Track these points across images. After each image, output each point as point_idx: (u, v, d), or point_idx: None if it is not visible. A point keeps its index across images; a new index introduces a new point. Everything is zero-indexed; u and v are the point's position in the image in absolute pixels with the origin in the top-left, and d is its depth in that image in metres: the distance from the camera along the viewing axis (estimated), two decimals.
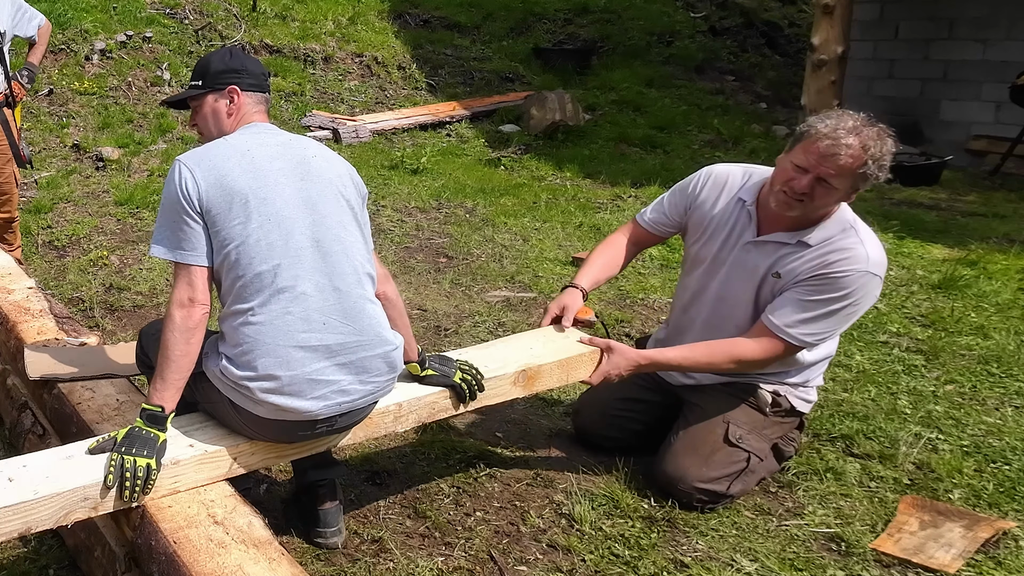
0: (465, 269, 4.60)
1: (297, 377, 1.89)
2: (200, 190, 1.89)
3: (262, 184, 1.93)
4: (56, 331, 2.79)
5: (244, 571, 1.61)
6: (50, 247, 4.93)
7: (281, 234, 1.91)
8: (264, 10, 9.06)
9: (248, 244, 1.89)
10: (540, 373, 2.35)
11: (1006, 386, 3.12)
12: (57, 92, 7.26)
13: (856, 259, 2.22)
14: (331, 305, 1.94)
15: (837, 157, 2.13)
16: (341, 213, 2.02)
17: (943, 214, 5.77)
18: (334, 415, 1.96)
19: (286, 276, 1.90)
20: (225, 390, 1.95)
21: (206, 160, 1.94)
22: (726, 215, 2.44)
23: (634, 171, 6.83)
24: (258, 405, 1.90)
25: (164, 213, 1.94)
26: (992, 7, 7.47)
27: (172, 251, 1.92)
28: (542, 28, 10.33)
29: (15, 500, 1.65)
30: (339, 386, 1.94)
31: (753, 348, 2.31)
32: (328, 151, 2.14)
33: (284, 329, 1.89)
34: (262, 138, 2.04)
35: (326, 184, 2.02)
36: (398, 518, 2.36)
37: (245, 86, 2.11)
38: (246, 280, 1.89)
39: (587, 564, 2.14)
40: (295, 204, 1.95)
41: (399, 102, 8.60)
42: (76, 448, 1.88)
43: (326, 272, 1.95)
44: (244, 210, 1.89)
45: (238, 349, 1.91)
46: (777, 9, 11.20)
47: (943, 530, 2.24)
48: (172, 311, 1.90)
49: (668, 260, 4.65)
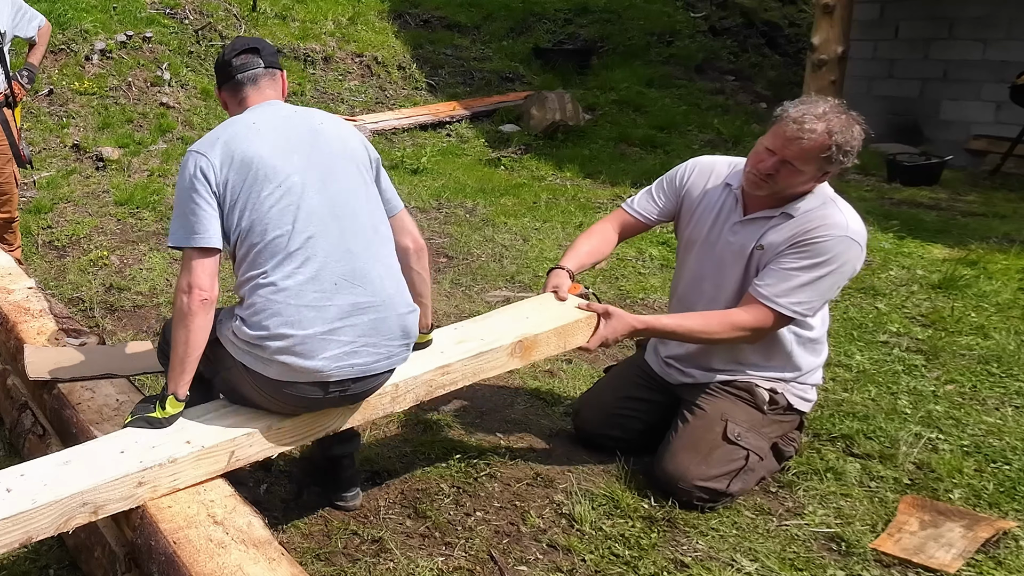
0: (465, 269, 4.60)
1: (308, 337, 1.94)
2: (214, 168, 1.96)
3: (272, 152, 1.99)
4: (56, 331, 2.79)
5: (244, 571, 1.61)
6: (50, 247, 4.93)
7: (293, 199, 1.97)
8: (264, 10, 9.06)
9: (262, 211, 1.95)
10: (537, 342, 2.34)
11: (1006, 386, 3.11)
12: (57, 92, 7.26)
13: (834, 225, 2.28)
14: (343, 266, 1.99)
15: (801, 141, 2.21)
16: (352, 178, 2.08)
17: (943, 214, 5.76)
18: (346, 378, 1.99)
19: (299, 239, 1.96)
20: (238, 354, 2.00)
21: (216, 140, 2.01)
22: (713, 199, 2.51)
23: (634, 171, 6.83)
24: (269, 365, 1.95)
25: (177, 203, 2.01)
26: (992, 7, 7.47)
27: (185, 238, 1.97)
28: (542, 28, 10.32)
29: (14, 511, 1.65)
30: (351, 347, 1.98)
31: (744, 318, 2.33)
32: (336, 118, 2.20)
33: (296, 290, 1.94)
34: (267, 112, 2.11)
35: (336, 150, 2.08)
36: (398, 518, 2.36)
37: (221, 82, 2.22)
38: (261, 246, 1.96)
39: (587, 564, 2.14)
40: (306, 170, 2.01)
41: (399, 102, 8.60)
42: (73, 453, 1.87)
43: (338, 234, 2.00)
44: (257, 179, 1.96)
45: (251, 310, 1.96)
46: (777, 9, 11.19)
47: (943, 530, 2.24)
48: (174, 300, 1.98)
49: (668, 260, 4.65)
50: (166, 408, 1.98)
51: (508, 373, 3.30)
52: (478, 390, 3.18)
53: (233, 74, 2.18)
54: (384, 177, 2.22)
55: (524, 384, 3.23)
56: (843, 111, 2.25)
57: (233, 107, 2.21)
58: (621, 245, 2.89)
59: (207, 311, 1.95)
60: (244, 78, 2.17)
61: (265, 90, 2.19)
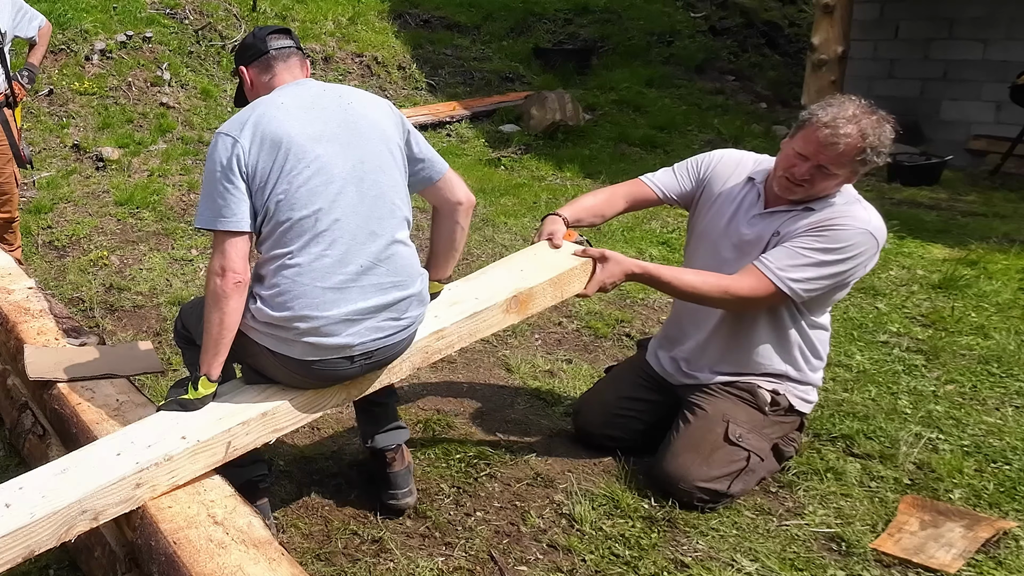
0: (465, 269, 4.59)
1: (331, 318, 1.98)
2: (244, 150, 1.96)
3: (301, 131, 1.99)
4: (56, 331, 2.78)
5: (244, 571, 1.61)
6: (50, 247, 4.93)
7: (322, 180, 1.98)
8: (264, 10, 9.06)
9: (291, 191, 1.96)
10: (533, 295, 2.31)
11: (1006, 386, 3.11)
12: (57, 92, 7.26)
13: (857, 218, 2.28)
14: (367, 248, 2.02)
15: (836, 146, 2.20)
16: (380, 157, 2.08)
17: (943, 214, 5.76)
18: (370, 350, 2.05)
19: (326, 220, 1.97)
20: (261, 338, 2.02)
21: (245, 122, 2.01)
22: (736, 191, 2.49)
23: (634, 171, 6.76)
24: (293, 346, 1.98)
25: (205, 185, 2.01)
26: (992, 7, 7.47)
27: (213, 220, 1.97)
28: (542, 28, 10.32)
29: (15, 526, 1.64)
30: (373, 323, 2.02)
31: (741, 284, 2.31)
32: (366, 94, 2.19)
33: (321, 271, 1.97)
34: (296, 90, 2.10)
35: (365, 129, 2.08)
36: (398, 518, 2.36)
37: (250, 59, 2.19)
38: (288, 225, 1.97)
39: (587, 564, 2.14)
40: (335, 150, 2.02)
41: (399, 102, 8.60)
42: (70, 460, 1.86)
43: (364, 216, 2.02)
44: (287, 159, 1.96)
45: (275, 291, 1.98)
46: (777, 9, 11.19)
47: (943, 530, 2.24)
48: (207, 280, 1.98)
49: (668, 260, 4.64)
50: (199, 389, 2.01)
51: (507, 373, 3.31)
52: (478, 390, 3.18)
53: (266, 49, 2.16)
54: (419, 143, 2.20)
55: (524, 384, 3.23)
56: (872, 110, 2.24)
57: (259, 85, 2.19)
58: (621, 244, 2.89)
59: (241, 293, 1.97)
60: (277, 54, 2.16)
61: (294, 69, 2.19)
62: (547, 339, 3.69)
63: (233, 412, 2.00)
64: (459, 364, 3.39)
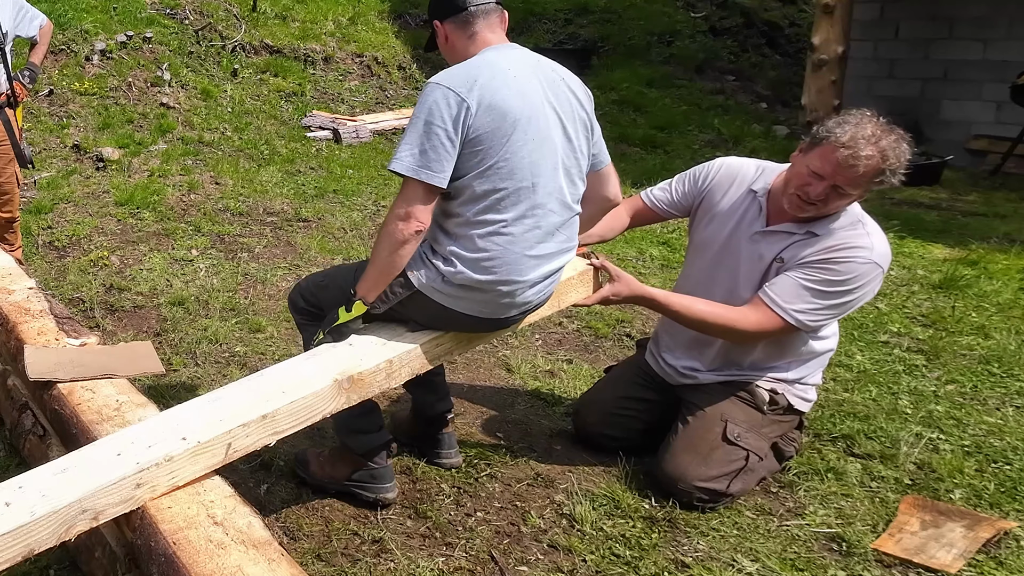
0: None
1: (529, 281, 2.14)
2: (471, 111, 1.98)
3: (525, 104, 2.04)
4: (56, 331, 2.78)
5: (244, 572, 1.60)
6: (50, 247, 4.93)
7: (543, 153, 2.06)
8: (264, 10, 9.06)
9: (513, 161, 2.02)
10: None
11: (1007, 386, 3.11)
12: (57, 92, 7.26)
13: (862, 248, 2.25)
14: (558, 219, 2.15)
15: (856, 168, 2.15)
16: (581, 138, 2.20)
17: (944, 214, 5.77)
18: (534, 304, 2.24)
19: (542, 193, 2.09)
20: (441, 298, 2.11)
21: (474, 83, 2.00)
22: (736, 204, 2.47)
23: (634, 171, 6.82)
24: (485, 306, 2.13)
25: (417, 132, 2.00)
26: (992, 7, 7.47)
27: (416, 169, 1.98)
28: (542, 28, 10.32)
29: (14, 525, 1.63)
30: (547, 282, 2.21)
31: (749, 319, 2.32)
32: (568, 73, 2.25)
33: (531, 242, 2.11)
34: (518, 56, 2.14)
35: (572, 107, 2.18)
36: (398, 518, 2.36)
37: (446, 14, 2.16)
38: (506, 193, 2.05)
39: (588, 564, 2.14)
40: (553, 125, 2.10)
41: (399, 102, 8.60)
42: (70, 460, 1.86)
43: (561, 189, 2.14)
44: (513, 128, 2.01)
45: (482, 255, 2.08)
46: (777, 9, 11.19)
47: (944, 530, 2.24)
48: (388, 223, 2.03)
49: (668, 260, 4.65)
50: (351, 311, 2.11)
51: (508, 373, 3.31)
52: (478, 390, 3.18)
53: (465, 6, 2.13)
54: (598, 130, 2.30)
55: (524, 384, 3.23)
56: (890, 129, 2.19)
57: (458, 42, 2.16)
58: (621, 244, 2.89)
59: (417, 241, 2.04)
60: (477, 10, 2.13)
61: (496, 27, 2.18)
62: (547, 339, 3.69)
63: (234, 415, 2.00)
64: (459, 364, 3.39)
